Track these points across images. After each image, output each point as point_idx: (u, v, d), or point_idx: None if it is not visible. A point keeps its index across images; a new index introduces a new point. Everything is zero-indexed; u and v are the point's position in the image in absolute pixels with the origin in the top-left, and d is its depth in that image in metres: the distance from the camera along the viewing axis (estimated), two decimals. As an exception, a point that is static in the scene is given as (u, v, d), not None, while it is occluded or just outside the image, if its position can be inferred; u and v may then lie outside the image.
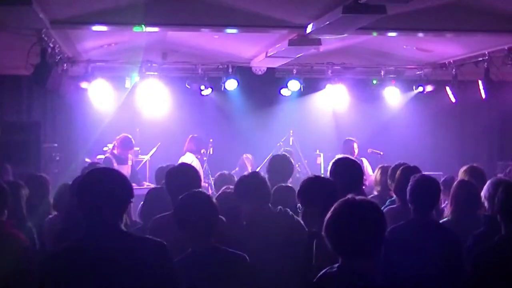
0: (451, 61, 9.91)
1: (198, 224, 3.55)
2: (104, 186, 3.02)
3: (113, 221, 3.02)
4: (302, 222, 4.18)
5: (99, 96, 9.96)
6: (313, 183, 3.96)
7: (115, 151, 9.12)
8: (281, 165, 5.63)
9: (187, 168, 4.83)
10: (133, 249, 2.99)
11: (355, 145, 9.49)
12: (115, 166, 8.88)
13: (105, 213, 2.99)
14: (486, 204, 4.51)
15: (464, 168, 5.81)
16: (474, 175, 5.54)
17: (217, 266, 3.50)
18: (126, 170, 8.99)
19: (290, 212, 4.44)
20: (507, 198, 3.84)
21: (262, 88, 10.86)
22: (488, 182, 4.57)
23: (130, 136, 9.20)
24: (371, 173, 8.55)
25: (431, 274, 4.03)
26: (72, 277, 2.91)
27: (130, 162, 9.20)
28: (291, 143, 10.28)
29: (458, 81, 10.06)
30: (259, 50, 9.30)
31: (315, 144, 10.75)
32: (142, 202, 5.38)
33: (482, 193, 4.55)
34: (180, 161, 8.66)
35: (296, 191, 4.04)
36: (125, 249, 2.98)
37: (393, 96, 10.86)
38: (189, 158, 9.13)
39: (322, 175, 4.48)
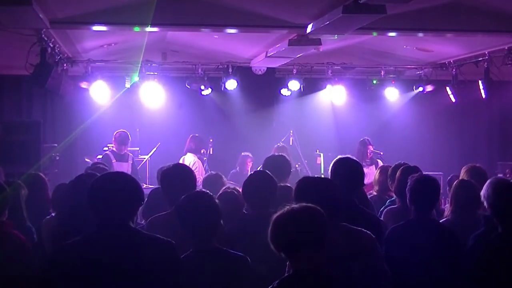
0: (451, 61, 9.91)
1: (200, 225, 3.54)
2: (117, 187, 3.13)
3: (123, 220, 3.10)
4: None
5: (99, 96, 9.95)
6: (306, 184, 3.94)
7: (114, 149, 9.16)
8: (277, 164, 5.61)
9: (181, 168, 4.81)
10: (140, 246, 3.07)
11: (371, 147, 9.43)
12: (114, 163, 8.90)
13: (116, 213, 3.08)
14: (485, 203, 4.51)
15: (466, 167, 5.78)
16: (475, 175, 5.51)
17: (219, 267, 3.49)
18: (125, 168, 9.00)
19: None
20: (495, 197, 3.86)
21: (262, 88, 10.86)
22: (487, 182, 4.57)
23: (127, 132, 9.22)
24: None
25: (431, 274, 4.03)
26: (79, 271, 2.98)
27: (130, 161, 9.22)
28: (291, 143, 10.27)
29: (458, 81, 10.06)
30: (259, 50, 9.29)
31: (315, 144, 10.74)
32: (143, 202, 5.36)
33: (481, 193, 4.55)
34: (181, 161, 8.66)
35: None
36: (133, 245, 3.06)
37: (393, 96, 10.85)
38: (190, 158, 9.12)
39: (322, 175, 4.50)
